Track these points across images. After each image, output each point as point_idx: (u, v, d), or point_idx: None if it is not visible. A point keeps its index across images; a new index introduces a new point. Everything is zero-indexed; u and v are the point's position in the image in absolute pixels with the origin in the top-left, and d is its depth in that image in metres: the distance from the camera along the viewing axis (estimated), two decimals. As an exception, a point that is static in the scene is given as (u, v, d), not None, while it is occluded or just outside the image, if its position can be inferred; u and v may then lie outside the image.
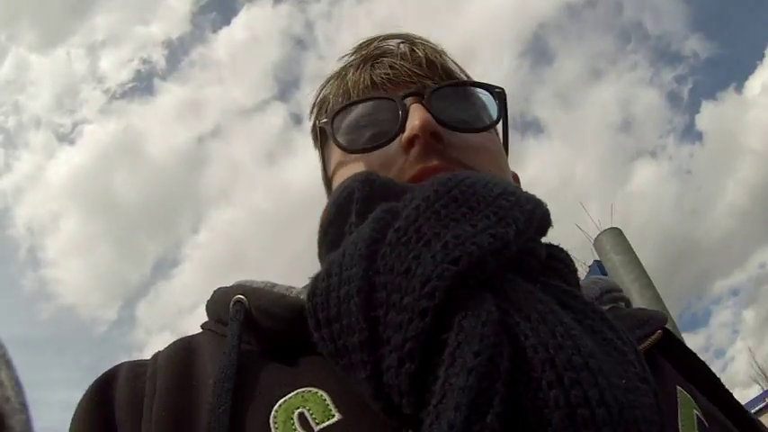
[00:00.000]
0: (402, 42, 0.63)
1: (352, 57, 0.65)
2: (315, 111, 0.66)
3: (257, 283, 0.50)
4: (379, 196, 0.45)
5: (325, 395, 0.40)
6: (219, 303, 0.51)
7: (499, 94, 0.60)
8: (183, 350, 0.48)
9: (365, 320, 0.36)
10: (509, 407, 0.31)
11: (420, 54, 0.61)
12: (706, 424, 0.45)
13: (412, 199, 0.41)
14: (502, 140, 0.63)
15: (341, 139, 0.57)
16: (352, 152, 0.57)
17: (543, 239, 0.45)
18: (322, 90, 0.66)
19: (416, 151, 0.53)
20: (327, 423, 0.38)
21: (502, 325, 0.34)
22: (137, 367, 0.48)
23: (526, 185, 0.61)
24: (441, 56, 0.62)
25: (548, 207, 0.44)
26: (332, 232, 0.49)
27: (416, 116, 0.53)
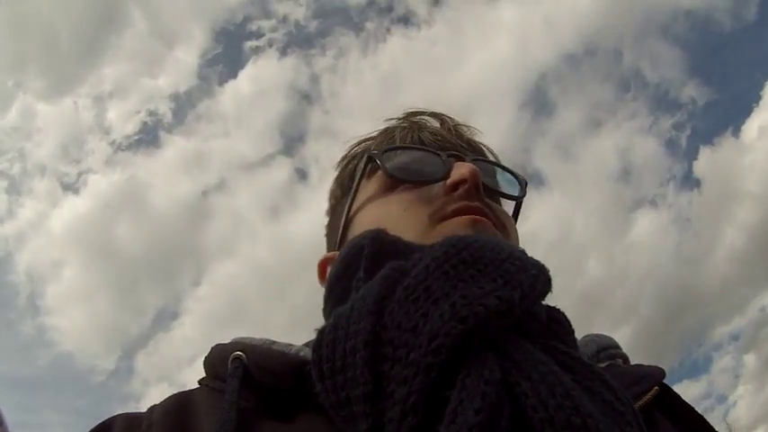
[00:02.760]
0: (448, 120, 0.69)
1: (401, 120, 0.69)
2: (348, 159, 0.69)
3: (256, 340, 0.50)
4: (388, 254, 0.47)
5: None
6: (217, 359, 0.51)
7: (522, 181, 0.66)
8: (180, 405, 0.47)
9: (370, 373, 0.37)
10: None
11: (464, 133, 0.68)
12: None
13: (421, 258, 0.43)
14: (512, 215, 0.67)
15: (390, 168, 0.60)
16: (399, 180, 0.60)
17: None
18: (363, 142, 0.70)
19: (460, 195, 0.56)
20: None
21: (503, 384, 0.35)
22: (132, 420, 0.47)
23: (527, 239, 0.64)
24: (480, 139, 0.70)
25: (550, 273, 0.46)
26: (339, 287, 0.50)
27: (465, 166, 0.58)
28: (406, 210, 0.57)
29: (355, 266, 0.48)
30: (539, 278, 0.43)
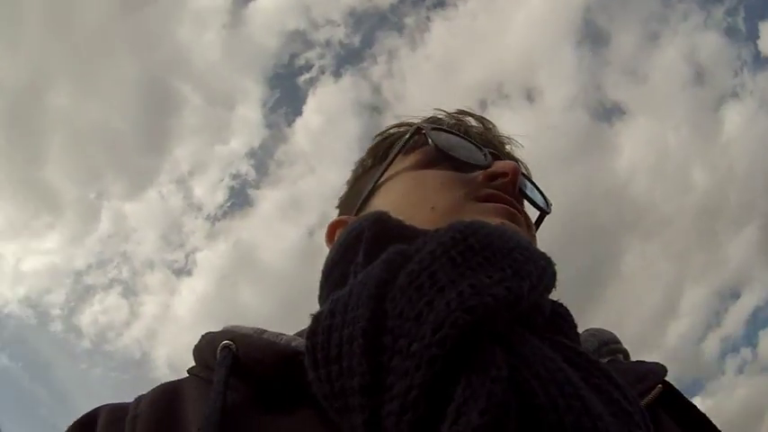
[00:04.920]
0: (492, 128, 0.71)
1: (448, 116, 0.71)
2: (390, 134, 0.70)
3: (246, 329, 0.49)
4: (391, 238, 0.44)
5: None
6: (207, 348, 0.49)
7: (549, 203, 0.68)
8: (167, 395, 0.46)
9: (367, 364, 0.35)
10: None
11: (506, 143, 0.71)
12: None
13: (426, 243, 0.41)
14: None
15: (438, 142, 0.61)
16: (443, 154, 0.60)
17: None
18: (401, 126, 0.70)
19: (499, 184, 0.57)
20: None
21: (510, 382, 0.33)
22: (117, 411, 0.46)
23: (625, 175, 0.64)
24: (518, 154, 0.72)
25: (555, 266, 0.44)
26: (336, 272, 0.48)
27: (510, 162, 0.60)
28: (442, 184, 0.57)
29: (354, 250, 0.46)
30: (546, 270, 0.41)
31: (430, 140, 0.60)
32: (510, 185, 0.57)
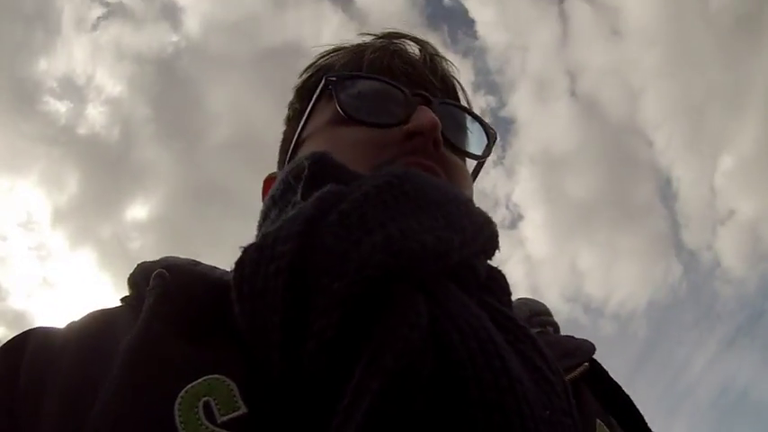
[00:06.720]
0: (429, 48, 0.63)
1: (377, 39, 0.63)
2: (312, 70, 0.63)
3: (181, 260, 0.49)
4: (330, 177, 0.43)
5: (232, 385, 0.37)
6: (140, 276, 0.48)
7: (492, 135, 0.60)
8: (97, 321, 0.46)
9: (290, 300, 0.34)
10: (426, 419, 0.30)
11: (439, 67, 0.61)
12: None
13: (361, 185, 0.40)
14: (472, 173, 0.62)
15: (345, 102, 0.54)
16: (351, 118, 0.54)
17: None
18: (328, 55, 0.63)
19: (415, 145, 0.51)
20: (231, 416, 0.35)
21: (430, 332, 0.32)
22: (49, 335, 0.45)
23: None
24: (456, 77, 0.63)
25: (497, 228, 0.44)
26: (275, 211, 0.47)
27: (428, 115, 0.52)
28: (354, 147, 0.52)
29: (294, 189, 0.45)
30: (483, 228, 0.41)
31: (338, 103, 0.54)
32: (429, 146, 0.51)
